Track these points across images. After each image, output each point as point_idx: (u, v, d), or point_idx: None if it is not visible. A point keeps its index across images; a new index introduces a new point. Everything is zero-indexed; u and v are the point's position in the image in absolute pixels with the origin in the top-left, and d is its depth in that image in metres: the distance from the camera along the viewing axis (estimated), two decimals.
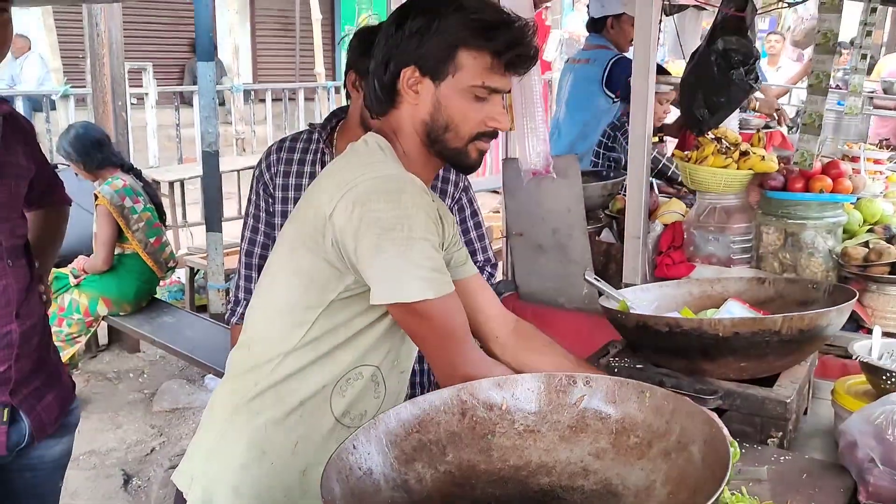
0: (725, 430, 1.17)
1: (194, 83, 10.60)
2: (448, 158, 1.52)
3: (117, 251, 4.45)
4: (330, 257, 1.42)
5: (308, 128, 2.22)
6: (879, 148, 3.99)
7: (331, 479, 1.08)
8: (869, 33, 4.04)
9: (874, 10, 4.04)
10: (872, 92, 6.23)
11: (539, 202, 2.83)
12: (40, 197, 2.12)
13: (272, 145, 2.24)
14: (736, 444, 1.55)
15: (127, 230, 4.39)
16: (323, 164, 2.08)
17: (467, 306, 1.73)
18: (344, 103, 2.24)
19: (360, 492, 1.13)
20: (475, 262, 1.87)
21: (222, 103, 9.24)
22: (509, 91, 1.52)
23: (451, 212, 2.15)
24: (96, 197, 4.35)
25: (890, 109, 6.46)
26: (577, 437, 1.29)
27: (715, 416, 1.31)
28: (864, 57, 4.01)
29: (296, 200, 1.99)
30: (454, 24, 1.41)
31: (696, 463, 1.14)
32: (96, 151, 4.40)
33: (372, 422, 1.22)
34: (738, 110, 3.48)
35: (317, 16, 10.92)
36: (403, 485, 1.20)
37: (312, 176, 2.10)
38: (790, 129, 5.42)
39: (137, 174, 4.64)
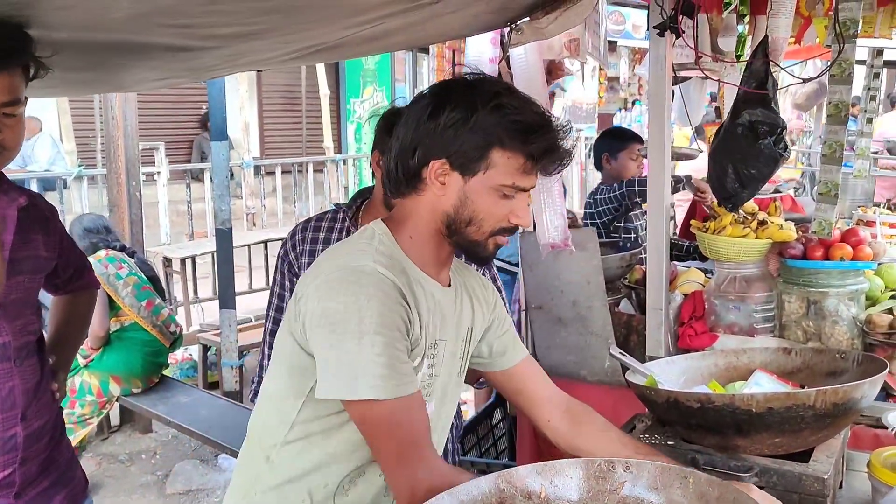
0: None
1: (202, 158, 10.83)
2: (465, 249, 1.49)
3: (115, 326, 4.46)
4: (301, 341, 1.41)
5: (333, 207, 2.24)
6: (889, 209, 4.01)
7: None
8: (873, 97, 4.11)
9: (877, 75, 4.12)
10: (877, 153, 6.30)
11: (558, 275, 2.83)
12: (67, 282, 2.11)
13: (298, 225, 2.26)
14: None
15: (116, 297, 4.40)
16: None
17: (515, 391, 1.71)
18: (351, 176, 2.27)
19: None
20: None
21: (232, 177, 9.37)
22: (533, 187, 1.51)
23: None
24: None
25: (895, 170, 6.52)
26: None
27: (763, 497, 1.27)
28: (869, 121, 4.07)
29: None
30: (492, 124, 1.39)
31: None
32: (96, 237, 4.50)
33: None
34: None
35: (324, 91, 11.15)
36: None
37: None
38: (796, 190, 5.45)
39: (131, 253, 4.70)
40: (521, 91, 1.48)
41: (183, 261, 6.81)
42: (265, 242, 7.63)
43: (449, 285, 1.55)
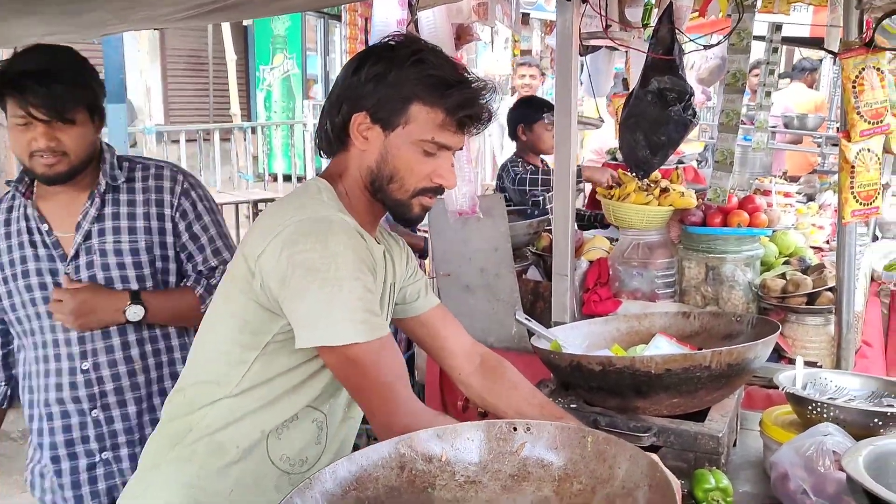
0: (669, 473, 1.16)
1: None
2: (390, 209, 1.50)
3: None
4: (261, 300, 1.40)
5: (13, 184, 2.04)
6: (784, 180, 4.18)
7: None
8: (772, 72, 4.25)
9: (775, 49, 4.26)
10: (774, 127, 6.55)
11: (466, 242, 2.82)
12: None
13: None
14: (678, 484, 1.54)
15: None
16: (27, 220, 1.98)
17: (429, 340, 1.73)
18: (260, 145, 2.20)
19: None
20: None
21: (133, 145, 8.98)
22: (460, 149, 1.50)
23: None
24: None
25: (792, 143, 6.80)
26: (520, 487, 1.25)
27: (658, 459, 1.30)
28: (767, 94, 4.21)
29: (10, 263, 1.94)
30: (411, 77, 1.40)
31: None
32: None
33: (307, 482, 1.16)
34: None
35: (231, 56, 10.79)
36: None
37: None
38: (699, 163, 5.63)
39: None
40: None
41: None
42: None
43: (378, 242, 1.56)
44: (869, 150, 2.16)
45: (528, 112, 4.03)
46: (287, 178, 10.23)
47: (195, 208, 2.04)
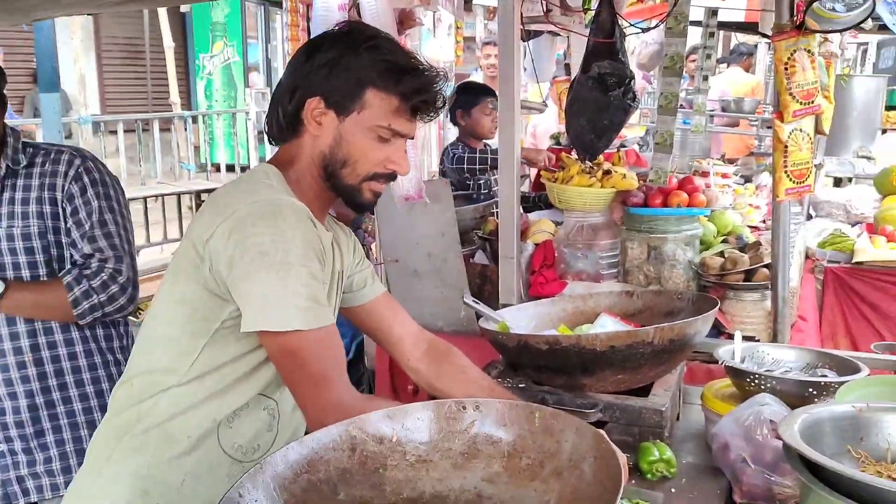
0: (615, 447, 1.19)
1: (35, 114, 10.03)
2: (341, 194, 1.50)
3: None
4: (210, 285, 1.39)
5: None
6: (722, 161, 4.29)
7: None
8: (709, 56, 4.35)
9: (712, 34, 4.36)
10: (712, 110, 6.70)
11: (413, 227, 2.83)
12: None
13: None
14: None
15: None
16: None
17: (377, 328, 1.74)
18: (202, 134, 2.16)
19: None
20: None
21: (69, 136, 8.72)
22: (412, 137, 1.51)
23: None
24: None
25: (729, 126, 6.96)
26: (470, 464, 1.27)
27: (603, 432, 1.33)
28: (705, 78, 4.31)
29: None
30: (366, 63, 1.41)
31: (588, 480, 1.15)
32: None
33: (258, 467, 1.16)
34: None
35: (168, 43, 10.56)
36: None
37: None
38: (640, 147, 5.73)
39: None
40: None
41: None
42: None
43: (327, 230, 1.56)
44: (801, 130, 2.23)
45: (467, 97, 4.05)
46: (230, 167, 10.08)
47: (84, 193, 1.95)
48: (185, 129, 9.59)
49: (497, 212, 3.07)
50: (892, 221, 3.77)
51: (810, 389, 1.82)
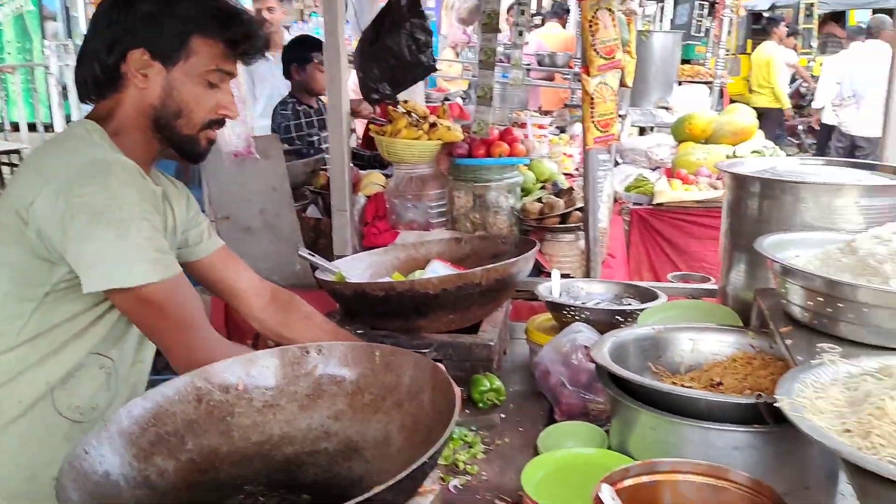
0: (449, 377, 1.30)
1: None
2: (177, 146, 1.49)
3: None
4: (37, 249, 1.35)
5: None
6: (539, 113, 4.53)
7: (67, 488, 1.03)
8: (522, 12, 4.53)
9: None
10: (528, 64, 6.99)
11: (244, 184, 2.81)
12: None
13: None
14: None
15: None
16: None
17: (218, 281, 1.74)
18: None
19: (101, 496, 1.08)
20: None
21: None
22: (235, 75, 1.53)
23: None
24: None
25: (545, 80, 7.30)
26: (316, 404, 1.34)
27: (440, 365, 1.44)
28: (520, 34, 4.49)
29: None
30: (188, 10, 1.41)
31: (426, 408, 1.26)
32: None
33: (102, 424, 1.17)
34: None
35: None
36: (145, 481, 1.17)
37: None
38: (463, 100, 5.91)
39: None
40: None
41: None
42: None
43: (157, 184, 1.53)
44: (605, 83, 2.43)
45: (302, 52, 4.01)
46: (32, 126, 9.29)
47: None
48: None
49: (328, 167, 3.10)
50: (686, 166, 4.18)
51: (617, 317, 2.04)
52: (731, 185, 2.02)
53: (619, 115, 4.64)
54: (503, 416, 1.86)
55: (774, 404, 1.19)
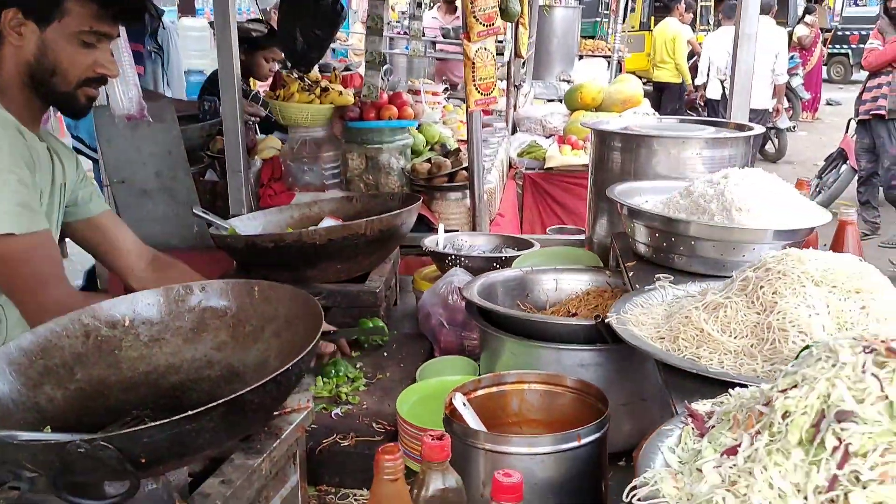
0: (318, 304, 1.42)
1: None
2: (56, 102, 1.54)
3: None
4: None
5: None
6: (432, 80, 4.65)
7: None
8: None
9: None
10: (435, 37, 7.09)
11: (138, 148, 2.84)
12: None
13: None
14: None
15: None
16: None
17: (102, 242, 1.79)
18: None
19: None
20: None
21: None
22: (117, 36, 1.58)
23: None
24: None
25: (449, 52, 7.42)
26: (200, 337, 1.44)
27: (313, 297, 1.56)
28: (419, 5, 4.61)
29: None
30: None
31: (300, 334, 1.38)
32: None
33: None
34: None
35: None
36: (35, 406, 1.25)
37: None
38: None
39: None
40: None
41: None
42: None
43: (41, 140, 1.57)
44: (486, 49, 2.58)
45: None
46: None
47: None
48: None
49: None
50: (576, 132, 4.39)
51: (494, 263, 2.20)
52: (595, 141, 2.20)
53: (515, 86, 4.84)
54: (385, 354, 2.01)
55: (605, 321, 1.37)
